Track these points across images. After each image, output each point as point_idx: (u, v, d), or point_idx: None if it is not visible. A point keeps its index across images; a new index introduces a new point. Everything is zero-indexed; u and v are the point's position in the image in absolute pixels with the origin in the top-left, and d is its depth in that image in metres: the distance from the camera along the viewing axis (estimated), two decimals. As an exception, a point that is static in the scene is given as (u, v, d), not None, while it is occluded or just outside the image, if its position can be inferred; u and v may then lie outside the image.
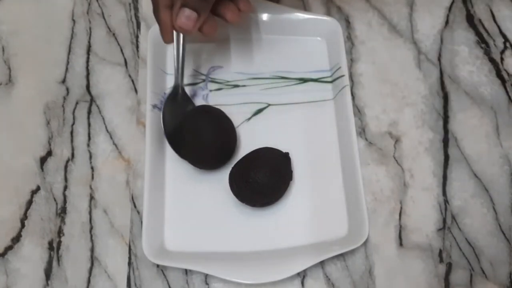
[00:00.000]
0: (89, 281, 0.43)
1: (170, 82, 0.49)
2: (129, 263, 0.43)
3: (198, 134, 0.42)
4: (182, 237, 0.44)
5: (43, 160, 0.47)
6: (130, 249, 0.44)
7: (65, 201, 0.45)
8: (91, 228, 0.45)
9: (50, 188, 0.46)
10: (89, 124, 0.48)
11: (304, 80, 0.49)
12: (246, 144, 0.46)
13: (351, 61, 0.50)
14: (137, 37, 0.52)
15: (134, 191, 0.46)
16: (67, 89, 0.50)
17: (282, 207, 0.44)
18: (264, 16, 0.50)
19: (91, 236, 0.44)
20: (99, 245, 0.44)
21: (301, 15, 0.50)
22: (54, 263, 0.43)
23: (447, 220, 0.45)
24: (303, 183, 0.45)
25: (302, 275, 0.43)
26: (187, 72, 0.50)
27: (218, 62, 0.50)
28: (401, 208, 0.45)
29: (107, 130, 0.48)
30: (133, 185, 0.46)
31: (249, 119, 0.48)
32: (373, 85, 0.49)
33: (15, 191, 0.46)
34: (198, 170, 0.45)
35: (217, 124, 0.43)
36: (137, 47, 0.51)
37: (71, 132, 0.48)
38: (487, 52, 0.51)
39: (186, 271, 0.43)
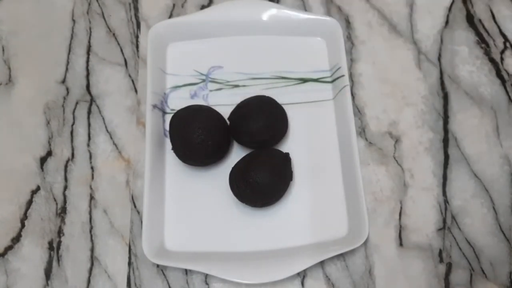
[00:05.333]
0: (89, 281, 0.43)
1: (170, 82, 0.49)
2: (129, 263, 0.43)
3: (183, 131, 0.42)
4: (182, 237, 0.44)
5: (43, 160, 0.47)
6: (130, 249, 0.44)
7: (65, 201, 0.45)
8: (91, 228, 0.45)
9: (50, 188, 0.46)
10: (89, 124, 0.48)
11: (304, 80, 0.49)
12: (246, 144, 0.46)
13: (351, 61, 0.50)
14: (137, 37, 0.52)
15: (134, 191, 0.46)
16: (67, 89, 0.50)
17: (282, 207, 0.44)
18: (264, 16, 0.50)
19: (91, 236, 0.44)
20: (99, 245, 0.44)
21: (301, 15, 0.50)
22: (54, 263, 0.43)
23: (447, 220, 0.45)
24: (303, 183, 0.45)
25: (302, 275, 0.43)
26: (187, 72, 0.50)
27: (218, 62, 0.50)
28: (401, 208, 0.45)
29: (107, 130, 0.48)
30: (133, 185, 0.46)
31: (249, 119, 0.48)
32: (373, 85, 0.49)
33: (15, 191, 0.46)
34: (198, 170, 0.45)
35: (203, 121, 0.43)
36: (137, 47, 0.51)
37: (71, 132, 0.48)
38: (487, 52, 0.51)
39: (186, 271, 0.43)
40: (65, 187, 0.46)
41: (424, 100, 0.49)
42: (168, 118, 0.47)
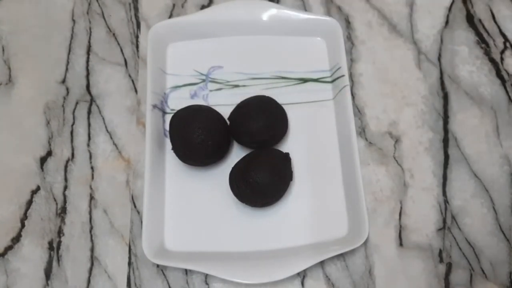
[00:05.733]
0: (89, 281, 0.43)
1: (170, 82, 0.49)
2: (129, 263, 0.43)
3: (183, 131, 0.42)
4: (182, 237, 0.44)
5: (43, 160, 0.47)
6: (130, 249, 0.44)
7: (65, 201, 0.45)
8: (91, 228, 0.45)
9: (50, 188, 0.46)
10: (89, 124, 0.48)
11: (304, 80, 0.49)
12: (246, 144, 0.46)
13: (351, 61, 0.50)
14: (137, 37, 0.52)
15: (134, 191, 0.46)
16: (67, 89, 0.50)
17: (282, 207, 0.44)
18: (264, 16, 0.50)
19: (91, 236, 0.44)
20: (99, 245, 0.44)
21: (301, 15, 0.50)
22: (54, 263, 0.43)
23: (447, 220, 0.45)
24: (303, 183, 0.45)
25: (302, 275, 0.43)
26: (187, 72, 0.50)
27: (218, 62, 0.50)
28: (401, 208, 0.45)
29: (107, 130, 0.48)
30: (133, 185, 0.46)
31: (249, 119, 0.48)
32: (373, 85, 0.49)
33: (15, 191, 0.46)
34: (198, 170, 0.45)
35: (203, 121, 0.43)
36: (137, 47, 0.51)
37: (71, 132, 0.48)
38: (487, 52, 0.51)
39: (186, 271, 0.43)
40: (65, 187, 0.46)
41: (424, 100, 0.49)
42: (168, 118, 0.47)
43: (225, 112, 0.45)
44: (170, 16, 0.53)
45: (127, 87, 0.50)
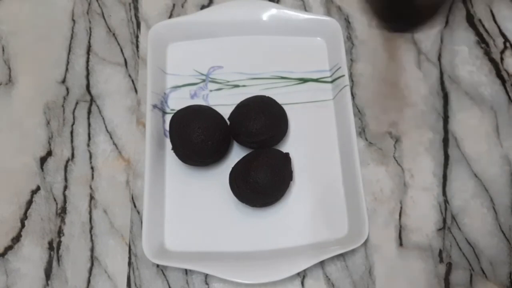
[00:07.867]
0: (89, 281, 0.43)
1: (170, 82, 0.49)
2: (129, 263, 0.43)
3: (183, 131, 0.42)
4: (182, 237, 0.44)
5: (43, 160, 0.47)
6: (130, 249, 0.44)
7: (65, 201, 0.45)
8: (91, 228, 0.45)
9: (50, 188, 0.46)
10: (89, 124, 0.48)
11: (304, 80, 0.49)
12: (246, 144, 0.46)
13: (351, 61, 0.50)
14: (137, 37, 0.52)
15: (134, 191, 0.46)
16: (67, 89, 0.50)
17: (282, 207, 0.44)
18: (264, 16, 0.50)
19: (91, 236, 0.44)
20: (99, 245, 0.44)
21: (301, 15, 0.50)
22: (54, 263, 0.43)
23: (447, 220, 0.45)
24: (303, 183, 0.45)
25: (302, 275, 0.43)
26: (187, 72, 0.50)
27: (218, 62, 0.50)
28: (401, 208, 0.45)
29: (107, 130, 0.48)
30: (133, 185, 0.46)
31: (249, 119, 0.48)
32: (373, 85, 0.49)
33: (15, 191, 0.46)
34: (198, 170, 0.45)
35: (203, 121, 0.43)
36: (137, 47, 0.51)
37: (71, 132, 0.48)
38: (487, 52, 0.51)
39: (186, 271, 0.43)
40: (65, 187, 0.46)
41: (424, 100, 0.49)
42: (168, 118, 0.47)
43: (225, 112, 0.45)
44: (170, 16, 0.53)
45: (127, 87, 0.50)
